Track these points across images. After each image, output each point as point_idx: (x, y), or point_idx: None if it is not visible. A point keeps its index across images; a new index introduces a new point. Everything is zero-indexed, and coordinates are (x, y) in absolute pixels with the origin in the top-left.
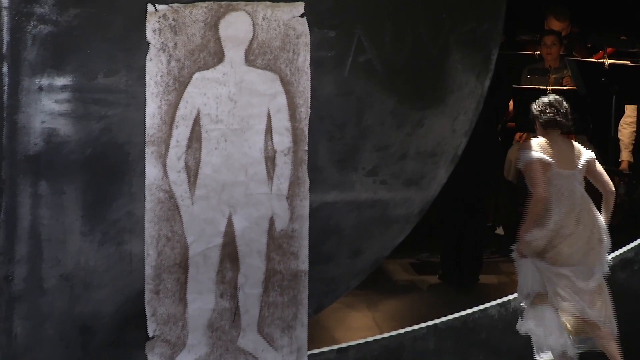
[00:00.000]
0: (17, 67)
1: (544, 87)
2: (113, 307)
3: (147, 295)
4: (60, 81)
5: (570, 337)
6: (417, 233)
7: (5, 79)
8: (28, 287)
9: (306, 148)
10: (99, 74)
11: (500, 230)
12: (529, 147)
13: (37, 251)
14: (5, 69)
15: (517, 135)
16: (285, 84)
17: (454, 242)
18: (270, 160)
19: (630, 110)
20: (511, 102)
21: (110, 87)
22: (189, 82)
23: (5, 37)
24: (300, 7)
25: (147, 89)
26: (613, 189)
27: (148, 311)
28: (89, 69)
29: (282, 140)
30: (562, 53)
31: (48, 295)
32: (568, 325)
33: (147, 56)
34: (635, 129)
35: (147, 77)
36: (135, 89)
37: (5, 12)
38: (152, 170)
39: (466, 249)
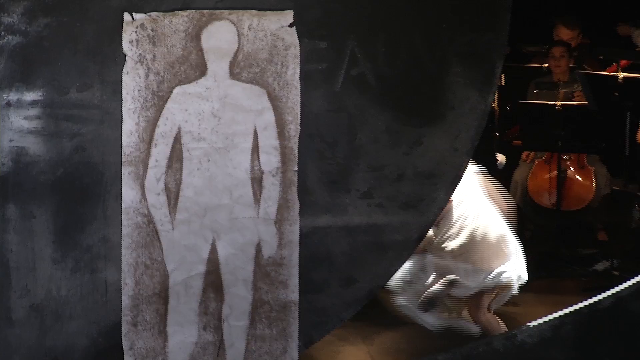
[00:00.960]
0: None
1: (553, 102)
2: (87, 340)
3: (124, 328)
4: (30, 96)
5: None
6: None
7: None
8: None
9: (296, 168)
10: (71, 88)
11: None
12: None
13: (5, 279)
14: None
15: (524, 154)
16: (273, 99)
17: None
18: (257, 181)
19: None
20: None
21: (83, 102)
22: (168, 97)
23: None
24: (289, 16)
25: (123, 105)
26: None
27: (125, 345)
28: (61, 83)
29: (270, 160)
30: (572, 66)
31: (16, 327)
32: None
33: (123, 69)
34: None
35: (124, 91)
36: (110, 104)
37: None
38: (129, 193)
39: None
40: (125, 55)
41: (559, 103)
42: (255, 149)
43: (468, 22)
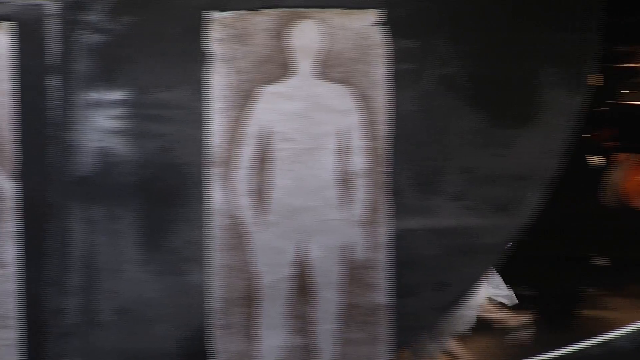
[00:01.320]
0: (68, 80)
1: None
2: (173, 343)
3: (213, 331)
4: (113, 95)
5: None
6: (510, 264)
7: (56, 93)
8: (82, 320)
9: (385, 170)
10: (155, 87)
11: (601, 261)
12: None
13: (91, 281)
14: (55, 82)
15: (621, 156)
16: (360, 99)
17: (547, 274)
18: (345, 183)
19: None
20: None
21: (167, 102)
22: (255, 96)
23: (55, 47)
24: (376, 15)
25: (210, 105)
26: None
27: (213, 348)
28: (144, 83)
29: (358, 161)
30: None
31: (102, 330)
32: None
33: (208, 68)
34: None
35: (210, 91)
36: (194, 104)
37: (55, 20)
38: (216, 194)
39: (561, 281)
40: (210, 54)
41: None
42: (343, 150)
43: (561, 21)
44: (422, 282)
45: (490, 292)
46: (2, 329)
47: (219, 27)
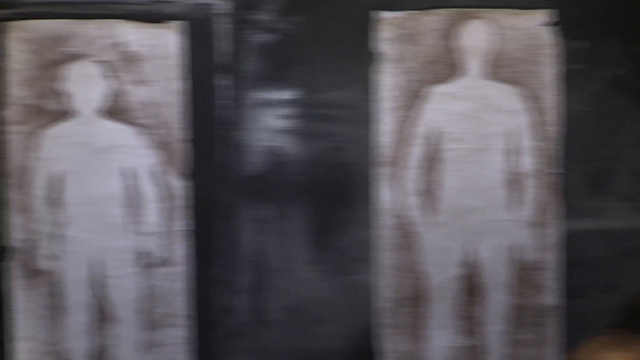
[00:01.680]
0: (239, 79)
1: None
2: (341, 342)
3: (381, 331)
4: (284, 95)
5: None
6: None
7: (226, 92)
8: (251, 320)
9: (556, 170)
10: (325, 87)
11: None
12: None
13: (261, 280)
14: (225, 81)
15: None
16: (530, 99)
17: None
18: (514, 183)
19: None
20: None
21: (336, 102)
22: (425, 96)
23: (226, 47)
24: (546, 15)
25: (380, 104)
26: None
27: (381, 348)
28: (314, 82)
29: (528, 162)
30: None
31: (272, 329)
32: None
33: (378, 68)
34: None
35: (380, 91)
36: (363, 104)
37: (226, 19)
38: (384, 194)
39: None
40: (379, 54)
41: None
42: (512, 151)
43: None
44: (591, 283)
45: None
46: (171, 327)
47: (388, 27)
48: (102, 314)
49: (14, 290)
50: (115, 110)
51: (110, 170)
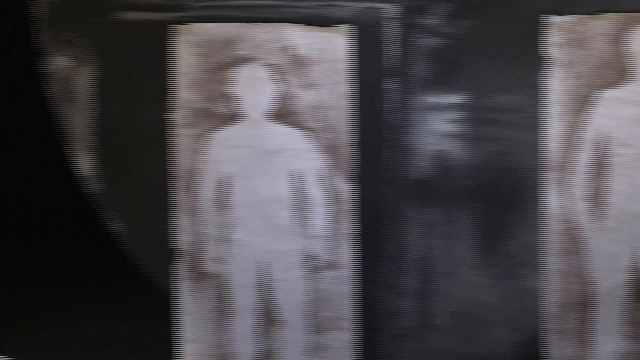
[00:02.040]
0: (405, 83)
1: None
2: (507, 347)
3: (547, 336)
4: (451, 99)
5: None
6: None
7: (393, 96)
8: (417, 323)
9: None
10: (492, 91)
11: None
12: None
13: (428, 284)
14: (392, 85)
15: None
16: None
17: None
18: None
19: None
20: None
21: (504, 106)
22: (593, 101)
23: (393, 50)
24: None
25: (548, 109)
26: None
27: (548, 353)
28: (481, 86)
29: None
30: None
31: (438, 333)
32: None
33: (547, 72)
34: None
35: (549, 95)
36: (531, 108)
37: (393, 23)
38: (553, 199)
39: None
40: (548, 59)
41: None
42: None
43: None
44: None
45: None
46: (337, 330)
47: (557, 31)
48: (268, 317)
49: (181, 293)
50: (284, 114)
51: (278, 173)
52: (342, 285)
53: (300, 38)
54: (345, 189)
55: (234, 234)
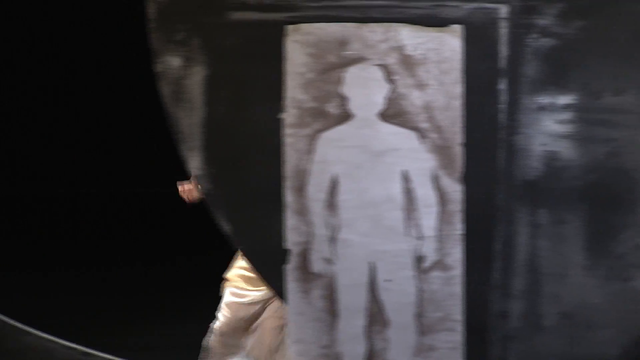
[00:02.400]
0: (516, 83)
1: None
2: (617, 349)
3: None
4: (563, 100)
5: None
6: None
7: (504, 97)
8: (525, 325)
9: None
10: (605, 92)
11: None
12: None
13: (536, 286)
14: (503, 86)
15: None
16: None
17: None
18: None
19: None
20: None
21: (617, 107)
22: None
23: (504, 51)
24: None
25: None
26: None
27: None
28: (594, 87)
29: None
30: None
31: (546, 335)
32: None
33: None
34: None
35: None
36: None
37: (503, 23)
38: None
39: None
40: None
41: None
42: None
43: None
44: None
45: None
46: (446, 331)
47: None
48: (376, 318)
49: (289, 293)
50: (394, 114)
51: (388, 173)
52: (450, 285)
53: (412, 38)
54: (455, 189)
55: (342, 234)
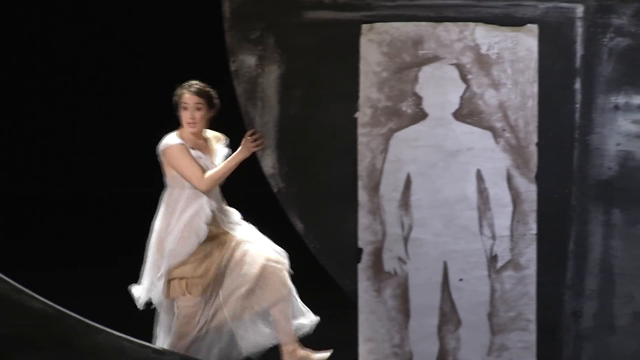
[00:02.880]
0: (591, 83)
1: None
2: None
3: None
4: (638, 99)
5: None
6: None
7: (578, 96)
8: (597, 324)
9: None
10: None
11: None
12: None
13: (609, 285)
14: (578, 85)
15: None
16: None
17: None
18: None
19: None
20: None
21: None
22: None
23: (579, 50)
24: None
25: None
26: None
27: None
28: None
29: None
30: None
31: (619, 334)
32: None
33: None
34: None
35: None
36: None
37: (579, 23)
38: None
39: None
40: None
41: None
42: None
43: None
44: None
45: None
46: (519, 331)
47: None
48: (448, 317)
49: (361, 292)
50: (469, 113)
51: (461, 172)
52: (523, 285)
53: (487, 37)
54: (529, 189)
55: (415, 234)
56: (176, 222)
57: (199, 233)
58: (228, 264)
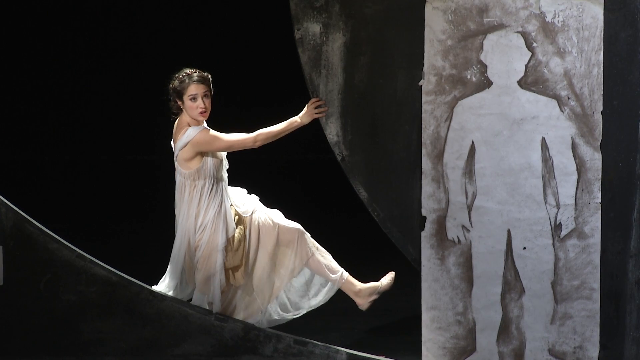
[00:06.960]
0: None
1: None
2: None
3: None
4: None
5: None
6: None
7: None
8: None
9: None
10: None
11: None
12: None
13: None
14: None
15: None
16: None
17: None
18: None
19: None
20: None
21: None
22: None
23: None
24: None
25: None
26: None
27: None
28: None
29: None
30: None
31: None
32: None
33: None
34: None
35: None
36: None
37: None
38: None
39: None
40: None
41: None
42: None
43: None
44: None
45: None
46: (582, 300)
47: None
48: (511, 285)
49: (424, 260)
50: (533, 81)
51: (527, 141)
52: (587, 254)
53: (553, 5)
54: (594, 157)
55: (479, 202)
56: (204, 215)
57: (228, 218)
58: (251, 242)
